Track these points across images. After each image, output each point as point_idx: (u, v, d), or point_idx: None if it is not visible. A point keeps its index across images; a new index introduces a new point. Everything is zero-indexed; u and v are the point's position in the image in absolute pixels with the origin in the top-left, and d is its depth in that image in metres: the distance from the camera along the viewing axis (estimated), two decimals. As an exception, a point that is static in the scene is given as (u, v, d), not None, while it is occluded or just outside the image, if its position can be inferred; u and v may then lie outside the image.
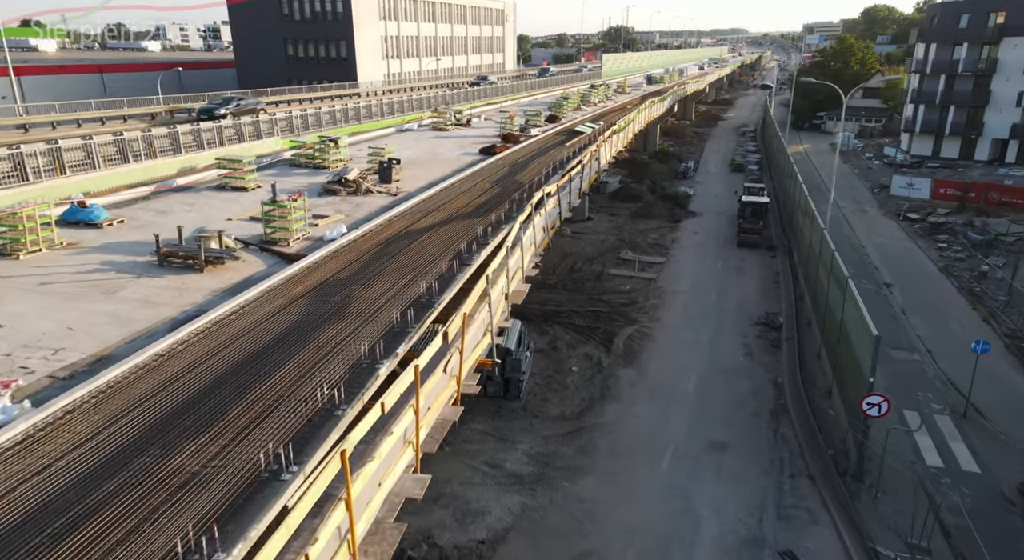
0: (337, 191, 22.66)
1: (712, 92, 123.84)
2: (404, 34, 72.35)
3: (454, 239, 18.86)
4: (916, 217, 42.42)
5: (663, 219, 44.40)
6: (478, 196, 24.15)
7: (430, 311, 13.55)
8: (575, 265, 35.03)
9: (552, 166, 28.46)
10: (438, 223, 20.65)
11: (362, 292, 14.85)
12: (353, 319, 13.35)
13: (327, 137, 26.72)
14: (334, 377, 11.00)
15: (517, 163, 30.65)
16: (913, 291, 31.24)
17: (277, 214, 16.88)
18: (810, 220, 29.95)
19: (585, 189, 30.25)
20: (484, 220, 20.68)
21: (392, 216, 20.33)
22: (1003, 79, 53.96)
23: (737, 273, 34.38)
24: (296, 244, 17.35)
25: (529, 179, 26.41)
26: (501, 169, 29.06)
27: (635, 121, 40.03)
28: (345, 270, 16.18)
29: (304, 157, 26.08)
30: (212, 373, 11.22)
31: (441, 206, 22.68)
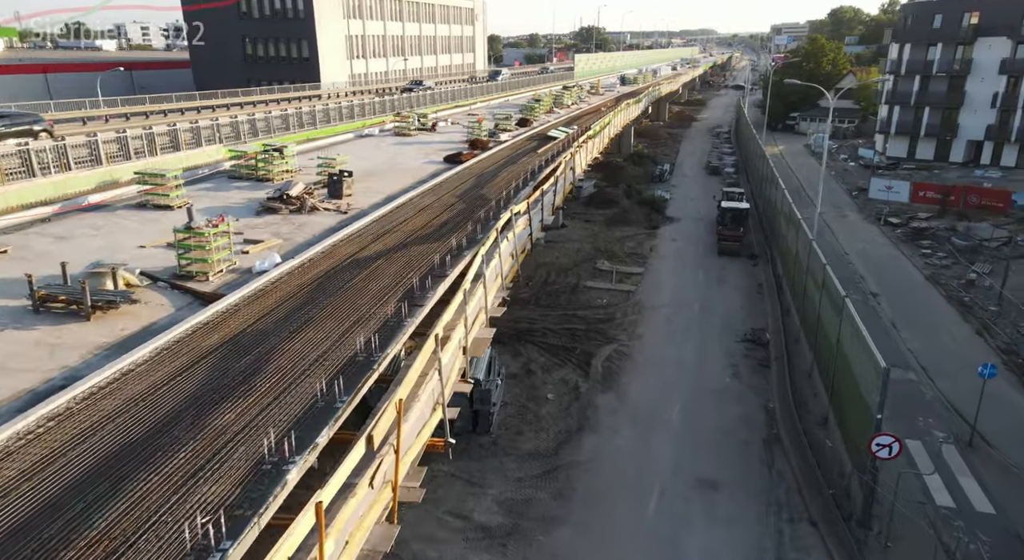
0: (278, 209, 19.85)
1: (685, 93, 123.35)
2: (370, 33, 69.83)
3: (407, 270, 15.94)
4: (897, 222, 41.40)
5: (640, 225, 42.77)
6: (439, 214, 21.52)
7: (367, 376, 10.44)
8: (549, 277, 33.15)
9: (523, 177, 26.25)
10: (390, 249, 17.77)
11: (286, 348, 11.59)
12: (268, 391, 10.06)
13: (271, 145, 24.07)
14: (220, 494, 7.52)
15: (485, 173, 28.43)
16: (901, 301, 29.96)
17: (194, 243, 14.01)
18: (795, 229, 28.47)
19: (559, 203, 27.87)
20: (443, 244, 17.99)
21: (338, 240, 17.64)
22: (977, 80, 53.52)
23: (719, 284, 32.82)
24: (217, 278, 14.51)
25: (497, 193, 24.07)
26: (467, 180, 26.73)
27: (611, 125, 38.19)
28: (271, 315, 13.03)
29: (245, 168, 23.17)
30: (47, 492, 7.64)
31: (396, 226, 19.85)
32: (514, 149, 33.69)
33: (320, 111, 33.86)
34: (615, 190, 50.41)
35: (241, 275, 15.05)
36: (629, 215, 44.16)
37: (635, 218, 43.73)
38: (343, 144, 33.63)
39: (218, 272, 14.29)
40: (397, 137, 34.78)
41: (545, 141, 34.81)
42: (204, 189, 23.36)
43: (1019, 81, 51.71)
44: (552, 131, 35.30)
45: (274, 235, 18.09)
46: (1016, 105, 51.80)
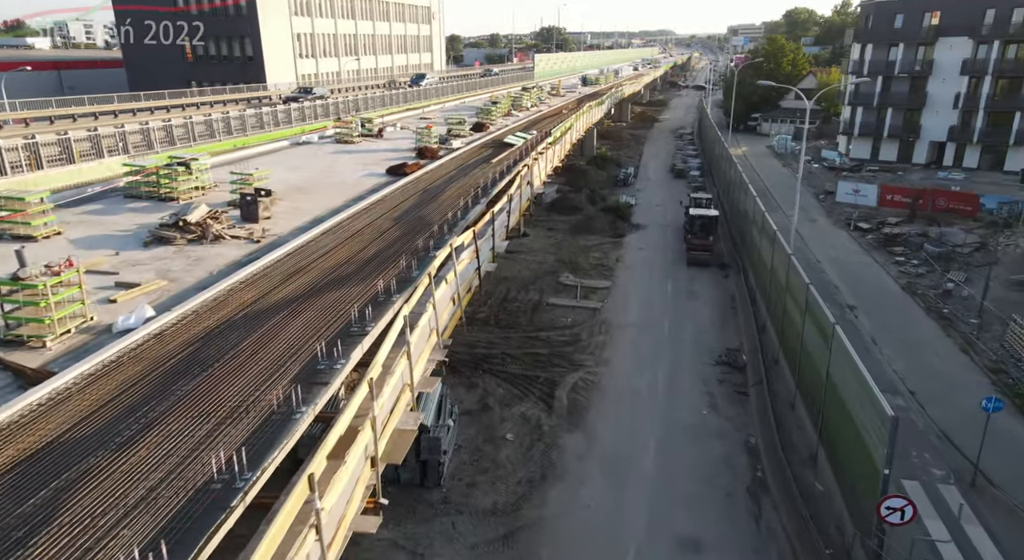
0: (171, 239, 16.30)
1: (647, 93, 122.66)
2: (320, 31, 66.45)
3: (316, 327, 12.68)
4: (867, 227, 40.21)
5: (605, 234, 40.72)
6: (369, 243, 18.39)
7: (222, 517, 6.97)
8: (509, 293, 30.77)
9: (473, 193, 23.55)
10: (301, 295, 14.42)
11: (118, 468, 7.95)
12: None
13: (178, 157, 20.76)
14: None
15: (431, 188, 25.67)
16: (879, 315, 28.43)
17: (23, 297, 10.76)
18: (769, 241, 26.66)
19: (515, 224, 25.06)
20: (368, 288, 14.82)
21: (239, 281, 14.33)
22: (939, 80, 53.08)
23: (689, 297, 30.88)
24: (59, 343, 11.09)
25: (442, 214, 21.42)
26: (409, 198, 23.82)
27: (573, 129, 35.99)
28: (115, 403, 9.54)
29: (145, 185, 19.76)
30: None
31: (315, 262, 16.59)
32: (466, 158, 31.08)
33: (252, 116, 30.73)
34: (578, 196, 48.35)
35: (97, 336, 11.51)
36: (594, 222, 42.09)
37: (600, 226, 41.68)
38: (276, 153, 30.42)
39: (65, 333, 10.99)
40: (338, 145, 31.80)
41: (501, 148, 32.45)
42: (89, 212, 19.73)
43: (980, 82, 51.38)
44: (509, 137, 32.83)
45: (160, 275, 14.75)
46: (978, 106, 51.48)
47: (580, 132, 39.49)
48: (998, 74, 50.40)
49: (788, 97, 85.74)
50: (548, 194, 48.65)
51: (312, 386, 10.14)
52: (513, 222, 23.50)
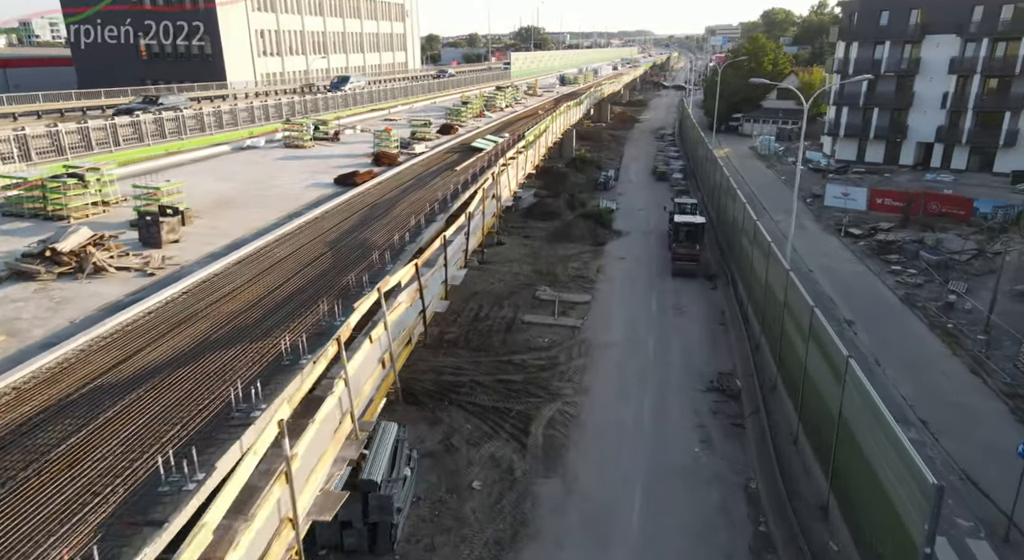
0: (35, 273, 12.87)
1: (626, 93, 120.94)
2: (285, 28, 63.41)
3: (174, 419, 9.12)
4: (859, 233, 38.33)
5: (584, 242, 38.38)
6: (290, 277, 15.12)
7: None
8: (481, 310, 28.27)
9: (430, 209, 20.85)
10: (177, 358, 11.01)
11: None
12: None
13: (74, 167, 17.64)
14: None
15: (382, 202, 22.69)
16: (879, 330, 26.40)
17: None
18: (763, 253, 24.46)
19: (476, 245, 21.81)
20: (267, 347, 11.48)
21: (104, 333, 11.02)
22: (926, 79, 51.59)
23: (676, 313, 28.61)
24: None
25: (388, 236, 18.28)
26: (354, 214, 20.67)
27: (549, 131, 33.52)
28: None
29: (28, 201, 16.71)
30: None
31: (215, 304, 13.26)
32: (428, 165, 28.31)
33: (192, 117, 27.78)
34: (557, 201, 46.02)
35: None
36: (572, 230, 39.77)
37: (579, 233, 39.35)
38: (212, 160, 27.34)
39: None
40: (287, 150, 28.82)
41: (469, 154, 29.88)
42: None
43: (969, 81, 49.94)
44: (478, 141, 30.21)
45: (2, 323, 11.38)
46: (966, 106, 50.04)
47: (557, 134, 36.96)
48: (987, 73, 49.01)
49: (770, 97, 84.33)
50: (525, 199, 46.26)
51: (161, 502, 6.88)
52: (475, 244, 20.26)
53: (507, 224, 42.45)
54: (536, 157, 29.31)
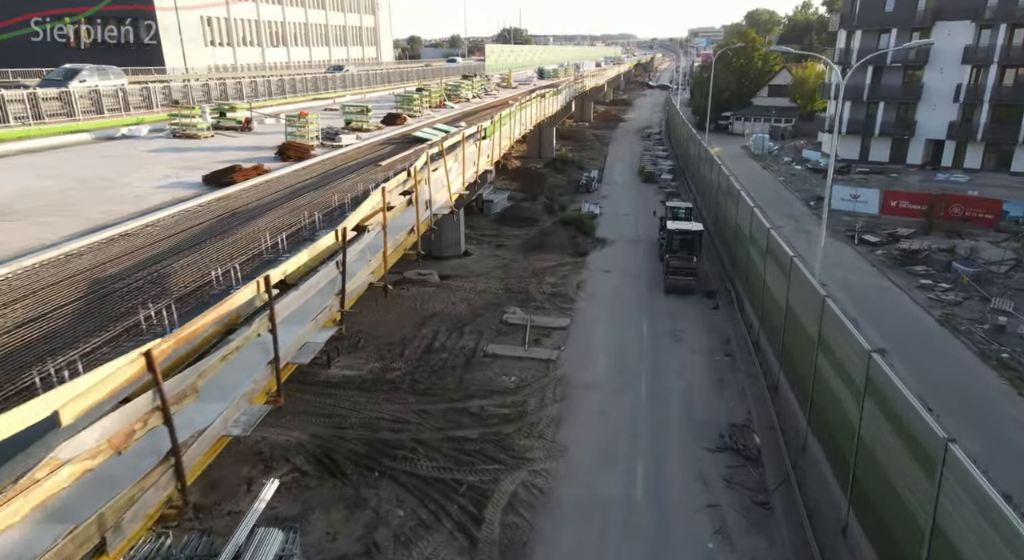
0: None
1: (610, 92, 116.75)
2: (238, 16, 57.95)
3: None
4: (876, 240, 33.70)
5: (563, 252, 33.40)
6: None
7: None
8: (436, 338, 23.17)
9: (317, 217, 15.07)
10: None
11: None
12: None
13: None
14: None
15: (245, 211, 16.33)
16: (919, 361, 21.62)
17: None
18: (781, 271, 19.62)
19: (376, 278, 14.57)
20: None
21: None
22: (936, 71, 47.32)
23: (672, 340, 23.65)
24: None
25: (222, 263, 12.24)
26: (191, 228, 14.65)
27: (515, 120, 28.32)
28: None
29: None
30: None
31: None
32: (347, 159, 22.73)
33: (55, 95, 22.25)
34: (534, 205, 41.14)
35: None
36: (550, 238, 34.78)
37: (558, 241, 34.36)
38: (60, 150, 21.62)
39: None
40: (175, 140, 23.06)
41: (408, 146, 24.62)
42: None
43: (984, 71, 45.70)
44: (425, 130, 24.76)
45: None
46: (981, 99, 45.78)
47: (528, 125, 31.66)
48: (1004, 63, 44.79)
49: (761, 94, 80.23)
50: (497, 203, 41.26)
51: None
52: (367, 277, 13.11)
53: (476, 231, 37.45)
54: (496, 151, 24.12)
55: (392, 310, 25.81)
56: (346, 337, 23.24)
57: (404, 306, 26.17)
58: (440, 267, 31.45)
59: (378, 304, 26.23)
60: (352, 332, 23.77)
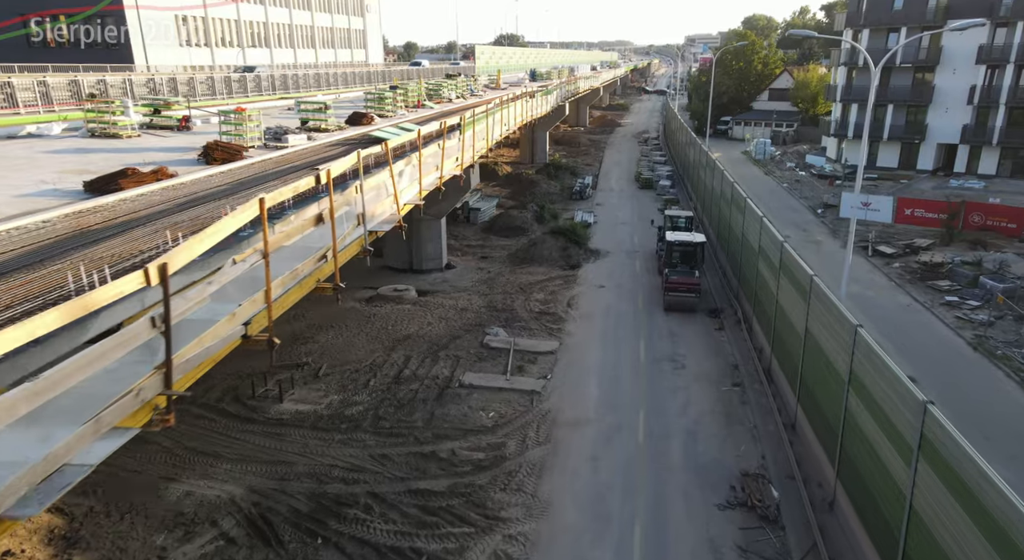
0: None
1: (607, 96, 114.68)
2: (216, 16, 55.46)
3: None
4: (891, 251, 31.15)
5: (554, 264, 30.82)
6: None
7: None
8: (407, 365, 20.55)
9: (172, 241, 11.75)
10: None
11: None
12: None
13: None
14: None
15: (99, 230, 13.07)
16: (954, 394, 18.97)
17: None
18: (798, 291, 17.08)
19: (232, 340, 8.35)
20: None
21: None
22: (948, 72, 44.94)
23: (673, 367, 21.02)
24: None
25: None
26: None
27: (494, 120, 25.52)
28: None
29: None
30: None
31: None
32: (283, 162, 19.63)
33: None
34: (524, 213, 38.58)
35: None
36: (540, 249, 32.16)
37: (548, 253, 31.76)
38: None
39: None
40: (90, 140, 19.99)
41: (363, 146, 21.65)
42: None
43: (999, 72, 43.33)
44: (385, 130, 21.52)
45: None
46: (997, 101, 43.39)
47: (511, 127, 28.82)
48: (1021, 62, 42.43)
49: (761, 98, 78.00)
50: (485, 211, 38.75)
51: None
52: (222, 335, 9.19)
53: (460, 241, 34.89)
54: (470, 153, 21.37)
55: (362, 331, 23.19)
56: (306, 363, 20.66)
57: (375, 326, 23.55)
58: (419, 282, 28.87)
59: (348, 326, 23.63)
60: (314, 357, 21.16)
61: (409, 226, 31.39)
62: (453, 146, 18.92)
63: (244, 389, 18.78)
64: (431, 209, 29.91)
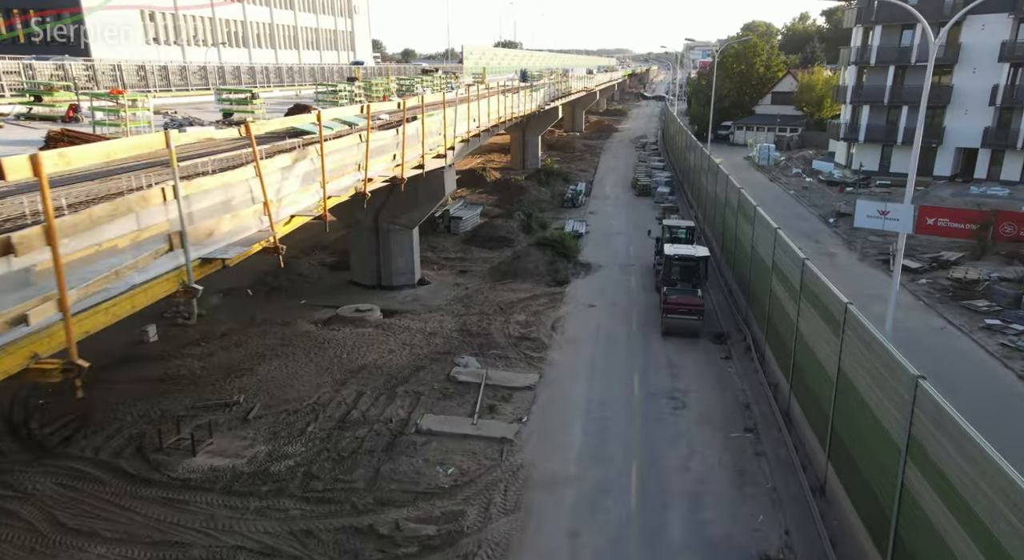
0: None
1: (604, 102, 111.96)
2: (188, 13, 52.45)
3: None
4: (917, 266, 27.94)
5: (540, 280, 27.60)
6: None
7: None
8: (357, 404, 17.29)
9: None
10: None
11: None
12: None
13: None
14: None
15: None
16: (1007, 439, 15.66)
17: None
18: (824, 320, 13.85)
19: None
20: None
21: None
22: (968, 71, 41.88)
23: (672, 407, 17.74)
24: None
25: None
26: None
27: (459, 114, 21.82)
28: None
29: None
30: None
31: None
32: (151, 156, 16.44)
33: None
34: (509, 222, 35.38)
35: None
36: (524, 262, 28.93)
37: (533, 267, 28.53)
38: None
39: None
40: None
41: (276, 139, 18.09)
42: None
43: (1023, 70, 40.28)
44: (304, 123, 17.40)
45: None
46: (1021, 102, 40.30)
47: (483, 123, 24.85)
48: (1048, 60, 39.47)
49: (763, 102, 75.04)
50: (467, 219, 35.57)
51: None
52: None
53: (438, 253, 31.69)
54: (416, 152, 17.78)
55: (311, 360, 19.92)
56: (236, 403, 17.36)
57: (328, 355, 20.29)
58: (387, 300, 25.66)
59: (296, 354, 20.36)
60: (249, 394, 17.88)
61: (376, 238, 28.25)
62: (387, 136, 15.53)
63: (152, 438, 15.48)
64: (400, 217, 26.73)
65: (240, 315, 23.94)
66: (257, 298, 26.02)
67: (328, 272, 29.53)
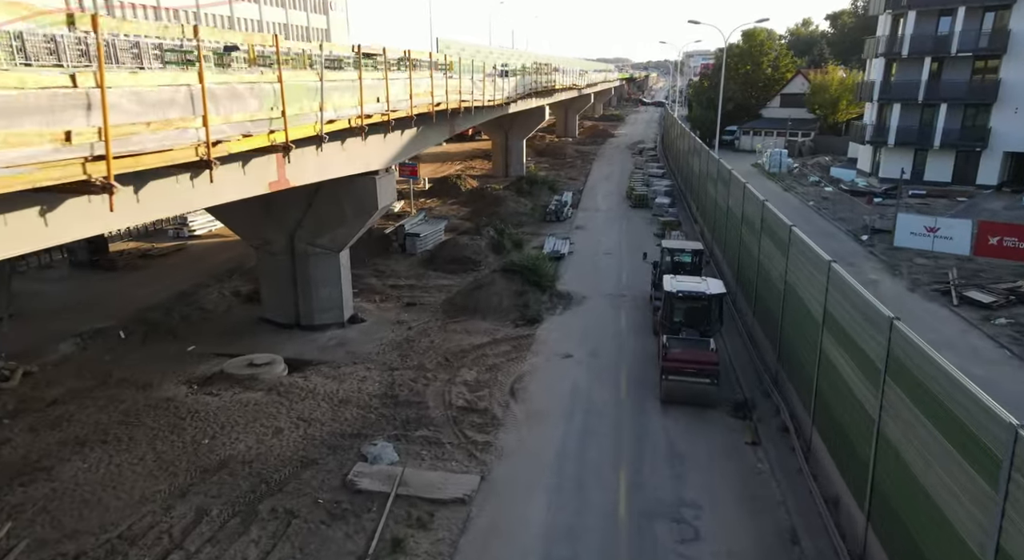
0: None
1: (600, 107, 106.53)
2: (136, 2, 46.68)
3: None
4: (990, 300, 21.76)
5: (504, 316, 21.45)
6: None
7: None
8: (185, 540, 11.04)
9: None
10: None
11: None
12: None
13: None
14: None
15: None
16: None
17: None
18: (922, 411, 7.65)
19: None
20: None
21: None
22: (1018, 62, 35.88)
23: (677, 538, 11.51)
24: None
25: None
26: None
27: (353, 90, 14.95)
28: None
29: None
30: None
31: None
32: None
33: None
34: (477, 239, 29.22)
35: None
36: (487, 293, 22.75)
37: (497, 301, 22.37)
38: None
39: None
40: None
41: None
42: None
43: (1087, 61, 34.34)
44: None
45: None
46: (1084, 97, 34.35)
47: (384, 107, 17.03)
48: (1117, 48, 33.58)
49: (772, 105, 69.17)
50: (428, 236, 29.49)
51: None
52: None
53: (384, 279, 25.57)
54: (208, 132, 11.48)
55: (152, 451, 13.78)
56: None
57: (182, 440, 14.15)
58: (303, 345, 19.55)
59: (136, 437, 14.20)
60: (22, 520, 11.64)
61: (292, 263, 22.13)
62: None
63: None
64: (321, 237, 20.59)
65: (95, 370, 17.83)
66: (131, 341, 19.88)
67: (240, 304, 23.41)
